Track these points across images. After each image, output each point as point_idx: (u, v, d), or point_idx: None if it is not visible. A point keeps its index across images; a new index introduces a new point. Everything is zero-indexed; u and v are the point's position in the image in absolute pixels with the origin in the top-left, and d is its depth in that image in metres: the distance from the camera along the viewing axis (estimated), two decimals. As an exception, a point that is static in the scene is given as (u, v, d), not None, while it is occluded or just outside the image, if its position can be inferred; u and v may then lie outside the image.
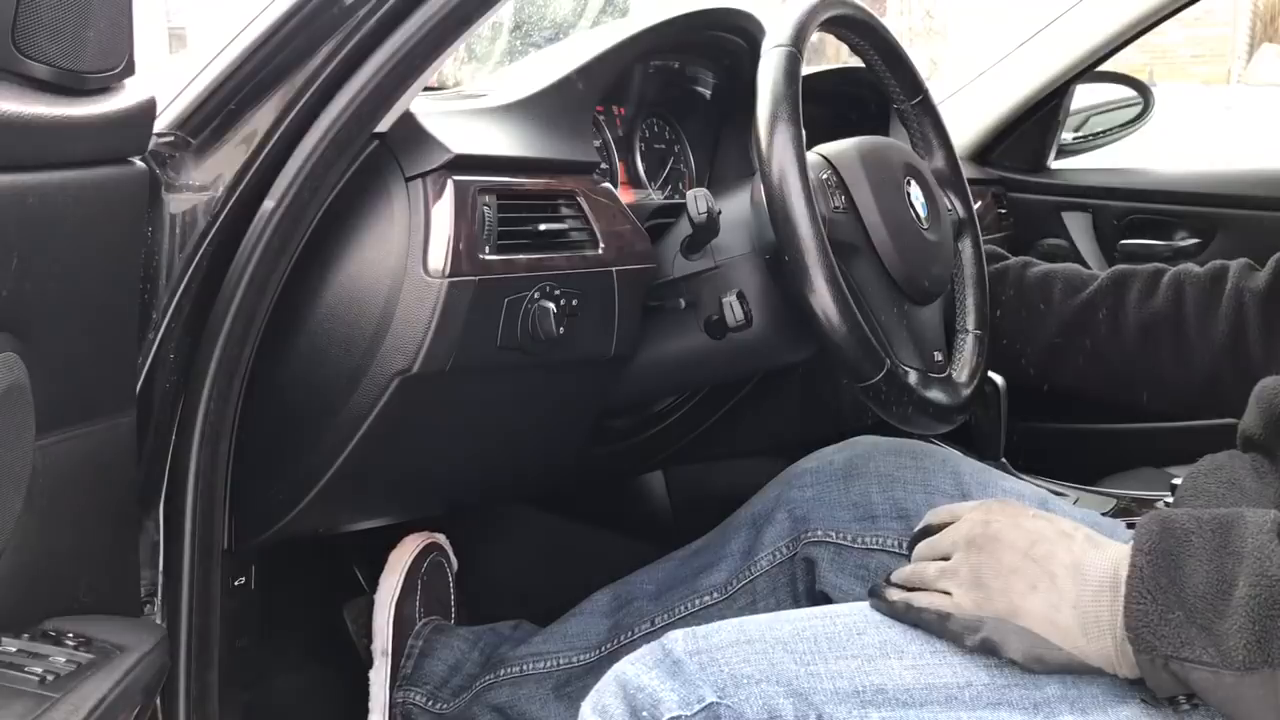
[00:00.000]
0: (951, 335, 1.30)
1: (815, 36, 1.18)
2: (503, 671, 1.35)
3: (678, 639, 0.89)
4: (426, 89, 1.16)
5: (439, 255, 1.05)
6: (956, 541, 0.89)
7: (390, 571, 1.44)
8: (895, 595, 0.90)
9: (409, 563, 1.44)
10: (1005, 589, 0.84)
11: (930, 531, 0.94)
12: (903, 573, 0.92)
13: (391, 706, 1.40)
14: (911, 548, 0.95)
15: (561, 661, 1.32)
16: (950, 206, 1.34)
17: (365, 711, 1.41)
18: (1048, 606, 0.82)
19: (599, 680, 0.91)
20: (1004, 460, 1.61)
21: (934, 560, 0.90)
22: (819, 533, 1.20)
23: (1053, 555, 0.84)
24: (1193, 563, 0.77)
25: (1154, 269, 1.31)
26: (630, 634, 1.29)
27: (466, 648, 1.41)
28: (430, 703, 1.37)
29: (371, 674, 1.42)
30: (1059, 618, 0.82)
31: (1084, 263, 2.10)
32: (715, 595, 1.26)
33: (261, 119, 0.97)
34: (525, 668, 1.34)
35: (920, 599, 0.88)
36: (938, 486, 1.19)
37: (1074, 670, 0.83)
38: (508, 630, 1.44)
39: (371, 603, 1.45)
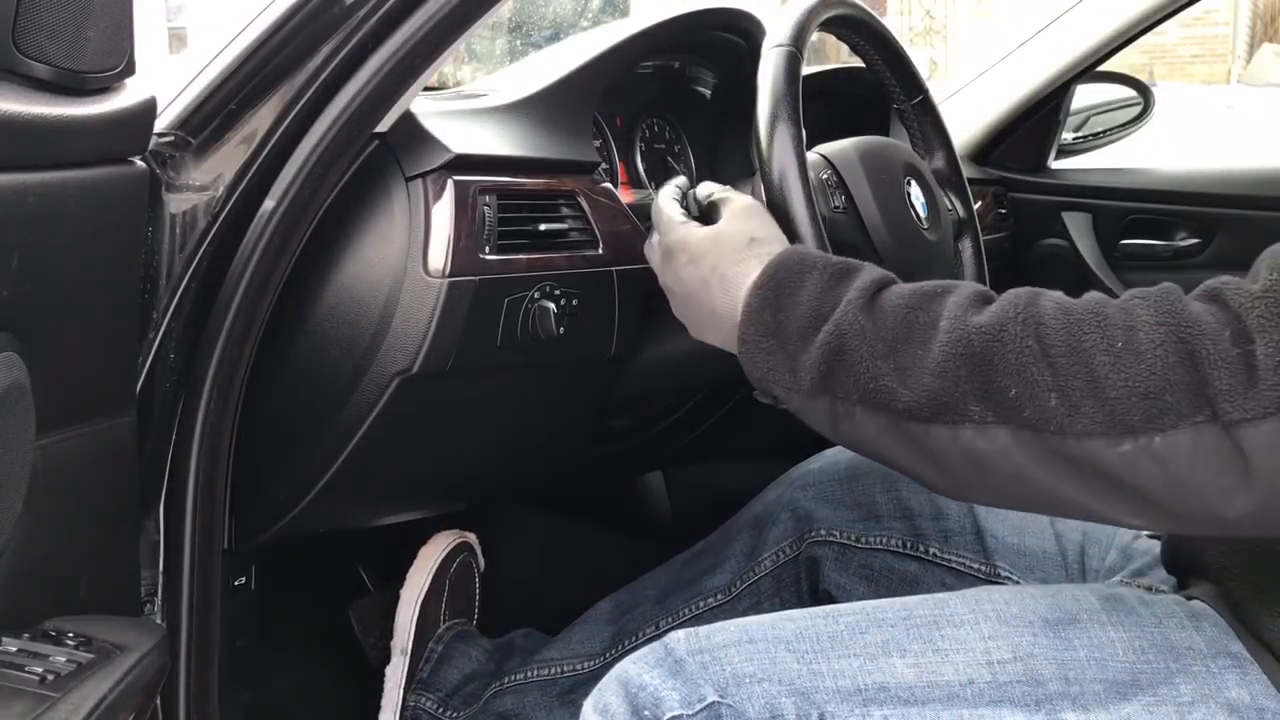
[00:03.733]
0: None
1: (815, 36, 1.18)
2: (508, 679, 1.34)
3: (679, 638, 0.89)
4: (426, 89, 1.16)
5: (439, 255, 1.05)
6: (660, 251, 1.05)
7: (419, 569, 1.43)
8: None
9: (439, 561, 1.43)
10: (683, 315, 1.03)
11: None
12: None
13: (403, 709, 1.39)
14: None
15: (566, 669, 1.32)
16: (950, 206, 1.34)
17: (366, 710, 1.41)
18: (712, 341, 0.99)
19: None
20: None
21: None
22: (823, 532, 1.20)
23: (700, 304, 0.99)
24: (801, 295, 0.89)
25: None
26: (634, 639, 1.29)
27: (484, 658, 1.40)
28: (440, 710, 1.37)
29: (388, 670, 1.41)
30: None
31: (1084, 263, 2.10)
32: (719, 597, 1.26)
33: (261, 119, 0.97)
34: (530, 674, 1.33)
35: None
36: (939, 486, 1.19)
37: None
38: (520, 640, 1.43)
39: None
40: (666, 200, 1.10)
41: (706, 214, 1.09)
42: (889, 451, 0.85)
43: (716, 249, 0.99)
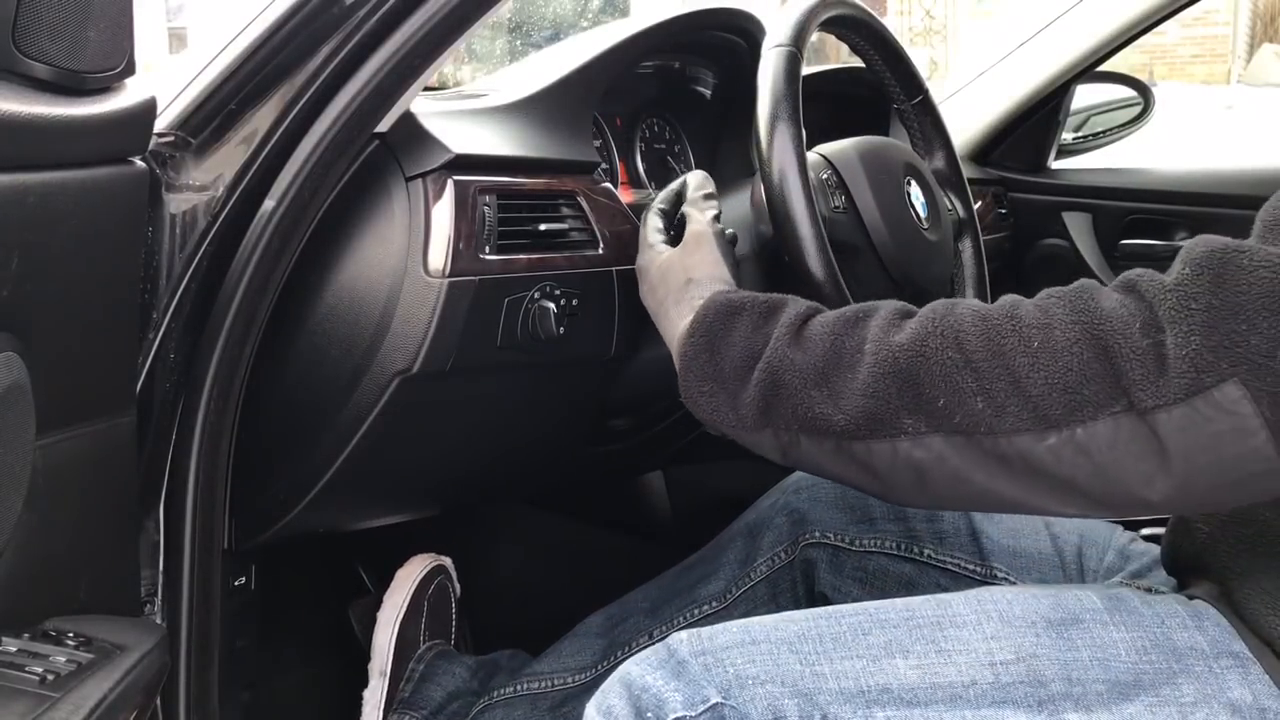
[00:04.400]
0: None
1: (815, 36, 1.18)
2: (496, 694, 1.33)
3: (682, 639, 0.89)
4: (426, 89, 1.16)
5: (439, 255, 1.05)
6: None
7: (396, 591, 1.42)
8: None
9: (416, 583, 1.42)
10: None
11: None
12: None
13: None
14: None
15: (556, 682, 1.31)
16: (950, 206, 1.34)
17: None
18: None
19: None
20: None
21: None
22: (817, 534, 1.20)
23: (660, 327, 1.06)
24: (733, 337, 0.94)
25: None
26: (627, 649, 1.28)
27: (468, 676, 1.39)
28: None
29: (366, 694, 1.39)
30: None
31: (1084, 263, 2.10)
32: (714, 604, 1.26)
33: (261, 119, 0.97)
34: (519, 688, 1.32)
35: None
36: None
37: None
38: (504, 660, 1.42)
39: (379, 601, 1.44)
40: (650, 215, 1.14)
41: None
42: (836, 471, 0.90)
43: (663, 285, 1.07)
